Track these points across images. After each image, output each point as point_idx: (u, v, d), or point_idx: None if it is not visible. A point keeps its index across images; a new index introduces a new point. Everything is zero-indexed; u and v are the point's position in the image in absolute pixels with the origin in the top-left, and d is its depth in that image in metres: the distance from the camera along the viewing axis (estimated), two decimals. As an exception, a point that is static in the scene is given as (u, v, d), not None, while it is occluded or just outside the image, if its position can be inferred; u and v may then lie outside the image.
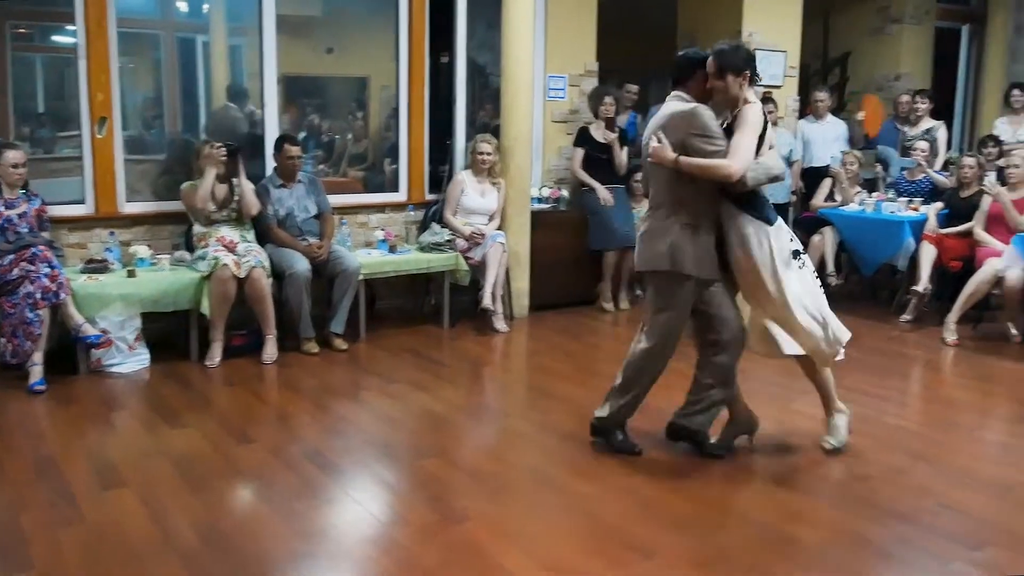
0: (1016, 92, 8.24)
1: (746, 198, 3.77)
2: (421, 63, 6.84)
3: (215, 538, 3.25)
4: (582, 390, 5.14)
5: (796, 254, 3.85)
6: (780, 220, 3.87)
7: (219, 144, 5.58)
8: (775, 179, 3.84)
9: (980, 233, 6.55)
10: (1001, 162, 7.19)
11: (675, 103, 3.86)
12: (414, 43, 6.78)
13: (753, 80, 3.81)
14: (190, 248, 5.76)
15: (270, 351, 5.53)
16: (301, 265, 5.65)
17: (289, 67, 6.66)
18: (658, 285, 3.95)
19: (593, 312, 7.08)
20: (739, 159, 3.65)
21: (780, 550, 3.22)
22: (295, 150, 5.92)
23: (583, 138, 7.12)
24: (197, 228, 5.68)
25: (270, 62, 6.25)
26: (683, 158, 3.71)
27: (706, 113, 3.76)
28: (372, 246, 6.43)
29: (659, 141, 3.79)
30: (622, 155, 7.14)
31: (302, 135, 7.10)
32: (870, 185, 8.07)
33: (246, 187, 5.64)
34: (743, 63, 3.77)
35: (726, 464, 4.04)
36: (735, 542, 3.28)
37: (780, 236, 3.81)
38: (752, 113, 3.74)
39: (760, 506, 3.63)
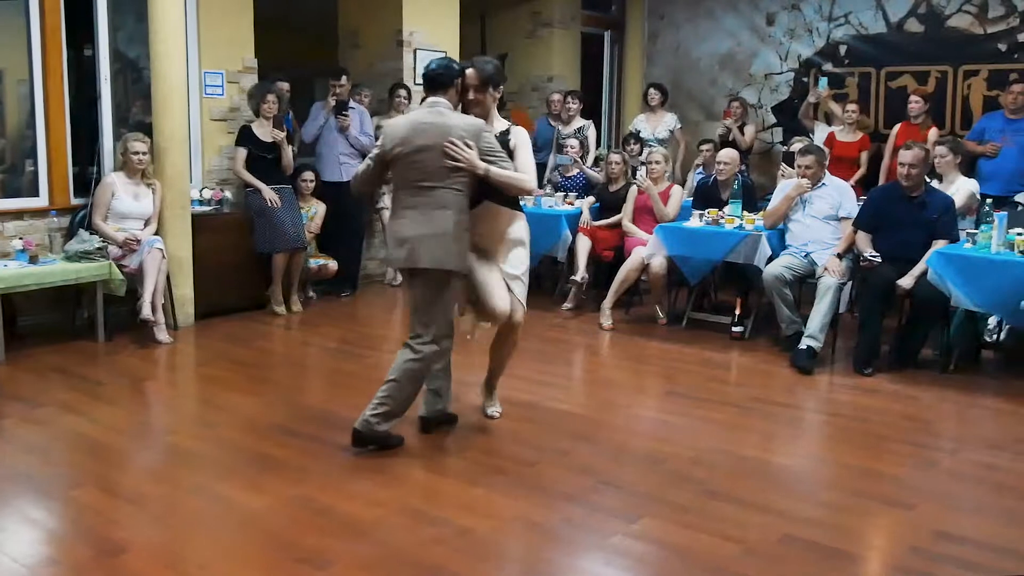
0: (652, 91, 8.99)
1: (514, 199, 4.28)
2: (58, 55, 6.24)
3: None
4: (253, 399, 4.96)
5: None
6: None
7: None
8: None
9: (628, 224, 7.06)
10: (643, 158, 7.79)
11: (453, 113, 4.07)
12: (48, 33, 6.18)
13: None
14: None
15: None
16: (-80, 282, 4.98)
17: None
18: (442, 282, 4.05)
19: (264, 316, 6.85)
20: (533, 176, 4.20)
21: (456, 544, 3.26)
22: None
23: (245, 137, 6.86)
24: None
25: None
26: (493, 169, 3.98)
27: (489, 129, 4.12)
28: (10, 257, 5.80)
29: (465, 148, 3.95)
30: (288, 154, 6.97)
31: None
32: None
33: None
34: (501, 79, 4.25)
35: (399, 464, 4.03)
36: (412, 542, 3.28)
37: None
38: (525, 135, 4.29)
39: (435, 502, 3.65)
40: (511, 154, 4.15)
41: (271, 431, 4.41)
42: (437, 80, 4.06)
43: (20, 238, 5.91)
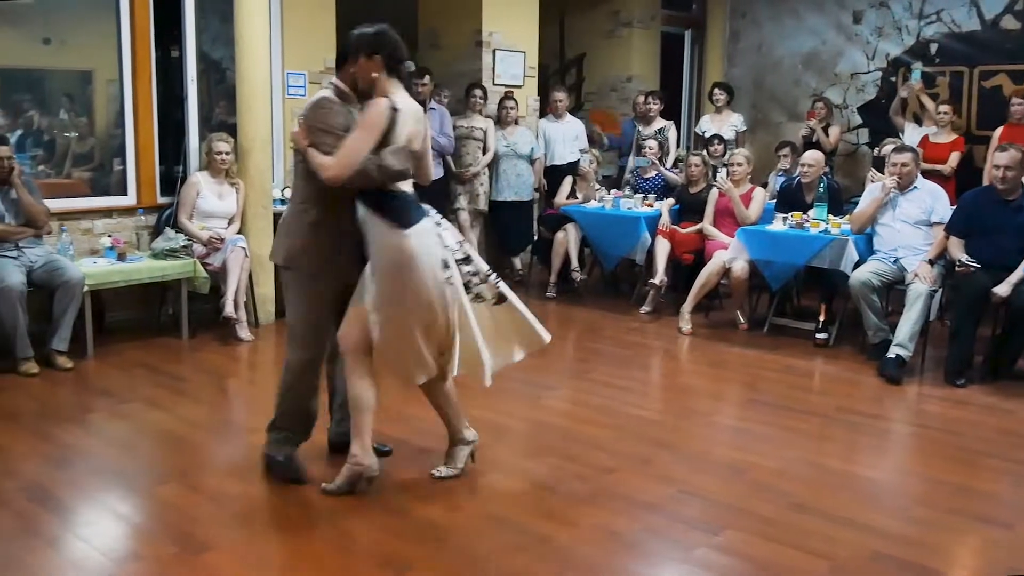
0: (717, 91, 8.80)
1: (374, 199, 3.47)
2: (147, 56, 6.39)
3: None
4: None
5: (446, 264, 3.52)
6: (428, 223, 3.51)
7: None
8: (397, 176, 3.46)
9: (708, 227, 6.94)
10: (725, 159, 7.65)
11: (323, 91, 3.66)
12: (137, 35, 6.33)
13: (395, 68, 3.56)
14: None
15: (-20, 375, 4.99)
16: (14, 278, 5.11)
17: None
18: (286, 281, 3.77)
19: (343, 315, 6.89)
20: (339, 160, 3.38)
21: (535, 551, 3.22)
22: (3, 150, 5.35)
23: (326, 137, 6.92)
24: None
25: (-29, 53, 5.65)
26: (310, 149, 3.48)
27: (327, 104, 3.56)
28: (99, 254, 5.95)
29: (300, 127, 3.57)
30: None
31: (18, 133, 6.47)
32: (609, 182, 8.42)
33: None
34: (372, 44, 3.54)
35: (477, 470, 4.01)
36: (491, 548, 3.25)
37: (423, 240, 3.47)
38: (372, 110, 3.45)
39: (513, 508, 3.62)
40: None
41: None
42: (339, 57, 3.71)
43: (109, 235, 6.05)
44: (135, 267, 5.89)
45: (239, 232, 6.29)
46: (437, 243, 3.52)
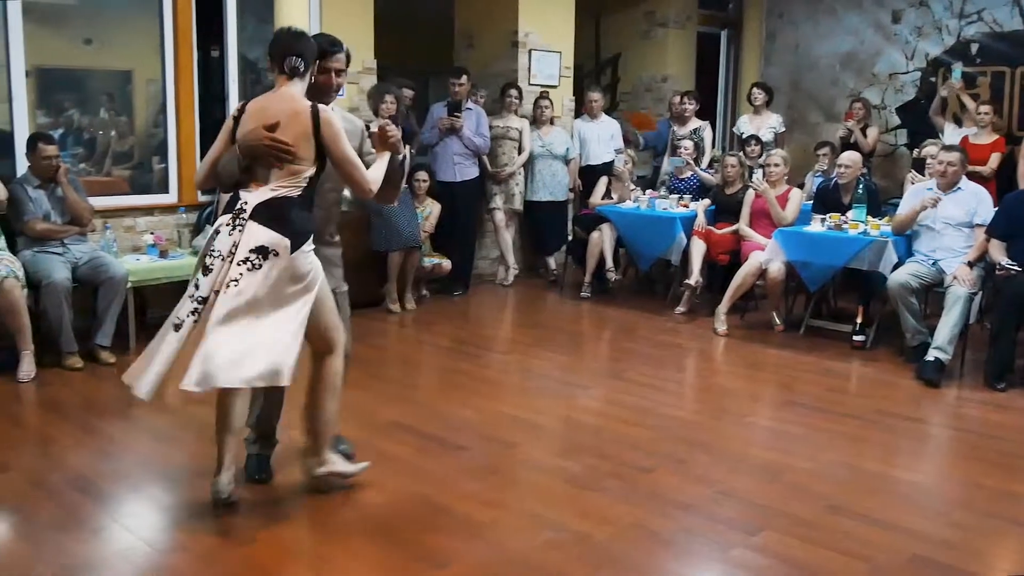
0: (755, 91, 8.74)
1: None
2: (189, 57, 6.49)
3: (-38, 585, 2.92)
4: (369, 395, 5.02)
5: (205, 268, 3.32)
6: (218, 224, 3.36)
7: None
8: (231, 176, 3.38)
9: (744, 228, 6.92)
10: (762, 160, 7.62)
11: None
12: (180, 35, 6.43)
13: (280, 66, 3.41)
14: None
15: (26, 368, 5.07)
16: (59, 274, 5.21)
17: (42, 59, 6.16)
18: None
19: (379, 314, 6.95)
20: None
21: (571, 550, 3.24)
22: (51, 149, 5.46)
23: (364, 137, 6.97)
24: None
25: (17, 53, 5.75)
26: None
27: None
28: (141, 251, 6.05)
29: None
30: (407, 154, 7.05)
31: (59, 132, 6.60)
32: (644, 182, 8.42)
33: None
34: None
35: (514, 467, 4.04)
36: (529, 545, 3.28)
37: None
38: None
39: (550, 506, 3.65)
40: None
41: (388, 428, 4.47)
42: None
43: (151, 233, 6.14)
44: (176, 264, 5.97)
45: (278, 230, 6.36)
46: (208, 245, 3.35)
